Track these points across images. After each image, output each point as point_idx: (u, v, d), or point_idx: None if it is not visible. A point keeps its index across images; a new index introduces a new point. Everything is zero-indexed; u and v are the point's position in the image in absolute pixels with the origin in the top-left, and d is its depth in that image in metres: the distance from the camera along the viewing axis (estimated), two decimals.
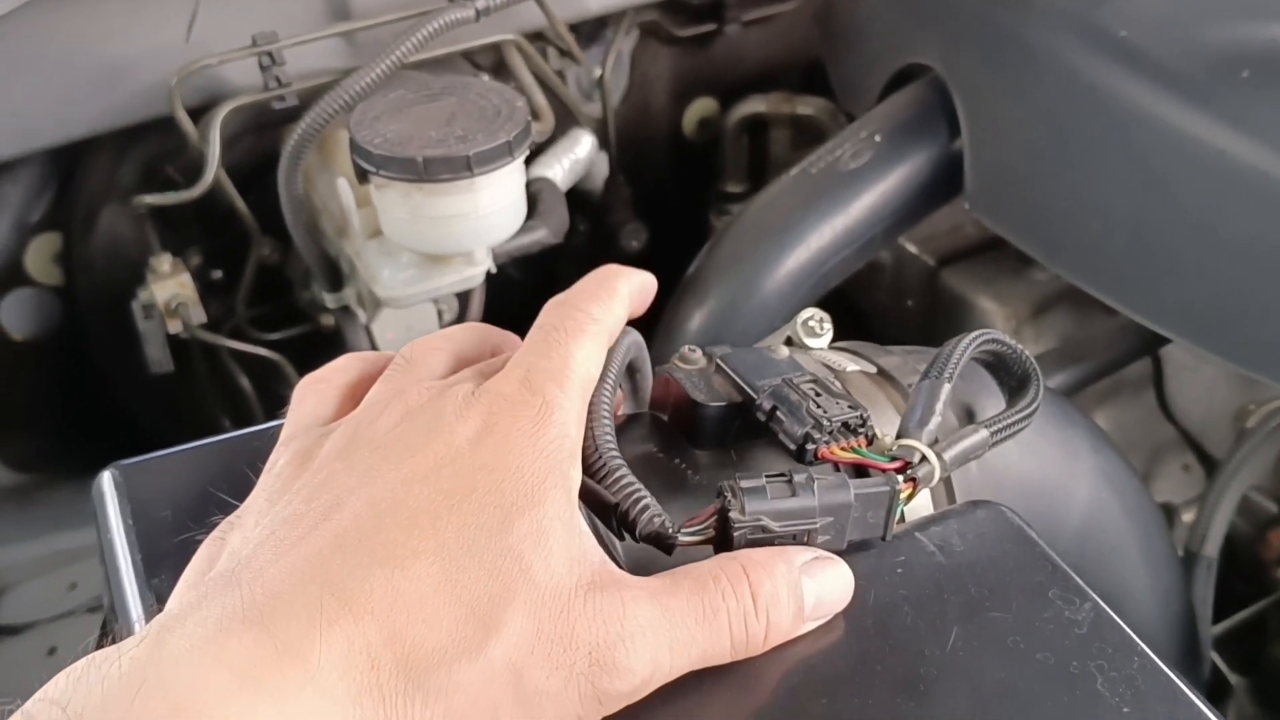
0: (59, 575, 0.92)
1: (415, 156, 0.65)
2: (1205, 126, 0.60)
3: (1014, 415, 0.45)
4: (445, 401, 0.36)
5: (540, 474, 0.33)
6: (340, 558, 0.31)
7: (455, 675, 0.30)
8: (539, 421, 0.35)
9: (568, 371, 0.37)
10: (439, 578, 0.31)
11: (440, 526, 0.32)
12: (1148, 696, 0.36)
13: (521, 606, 0.31)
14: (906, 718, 0.35)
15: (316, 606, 0.29)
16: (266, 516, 0.34)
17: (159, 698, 0.27)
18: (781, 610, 0.36)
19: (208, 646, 0.28)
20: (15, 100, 0.79)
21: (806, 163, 0.77)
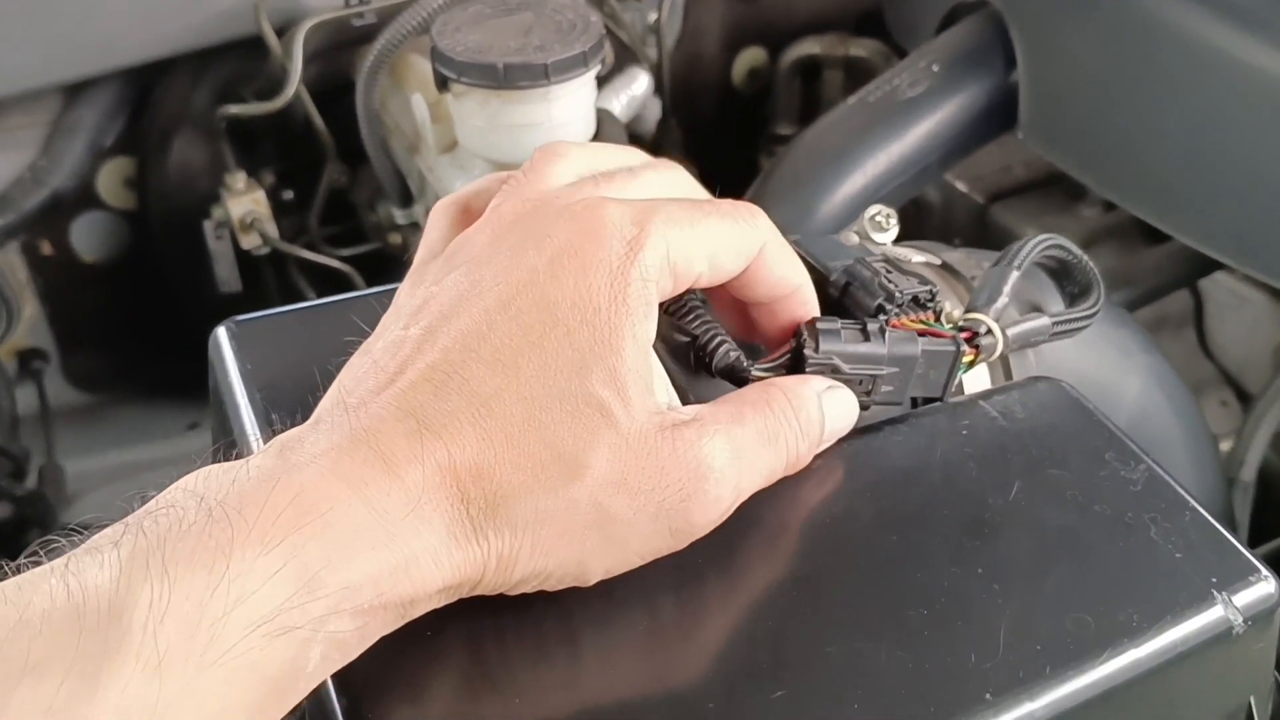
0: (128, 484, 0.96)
1: (495, 63, 0.68)
2: (1260, 53, 0.61)
3: (1077, 313, 0.47)
4: (537, 217, 0.35)
5: (617, 321, 0.33)
6: (431, 393, 0.32)
7: (541, 511, 0.32)
8: (627, 256, 0.34)
9: (692, 225, 0.35)
10: (523, 418, 0.32)
11: (520, 365, 0.32)
12: (1198, 545, 0.39)
13: (606, 450, 0.32)
14: (973, 554, 0.38)
15: (413, 434, 0.31)
16: (377, 341, 0.36)
17: (285, 496, 0.29)
18: (816, 430, 0.38)
19: (324, 459, 0.30)
20: (98, 16, 0.82)
21: (864, 91, 0.79)
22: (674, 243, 0.35)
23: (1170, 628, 0.36)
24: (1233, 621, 0.37)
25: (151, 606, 0.26)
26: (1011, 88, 0.76)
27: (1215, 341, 0.85)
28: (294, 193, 0.94)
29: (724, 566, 0.36)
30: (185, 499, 0.29)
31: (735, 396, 0.37)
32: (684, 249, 0.35)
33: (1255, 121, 0.63)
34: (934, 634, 0.35)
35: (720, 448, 0.34)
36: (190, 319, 1.04)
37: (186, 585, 0.27)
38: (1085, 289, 0.49)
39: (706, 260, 0.36)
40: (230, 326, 0.47)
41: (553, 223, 0.35)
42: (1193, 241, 0.66)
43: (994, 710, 0.33)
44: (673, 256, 0.35)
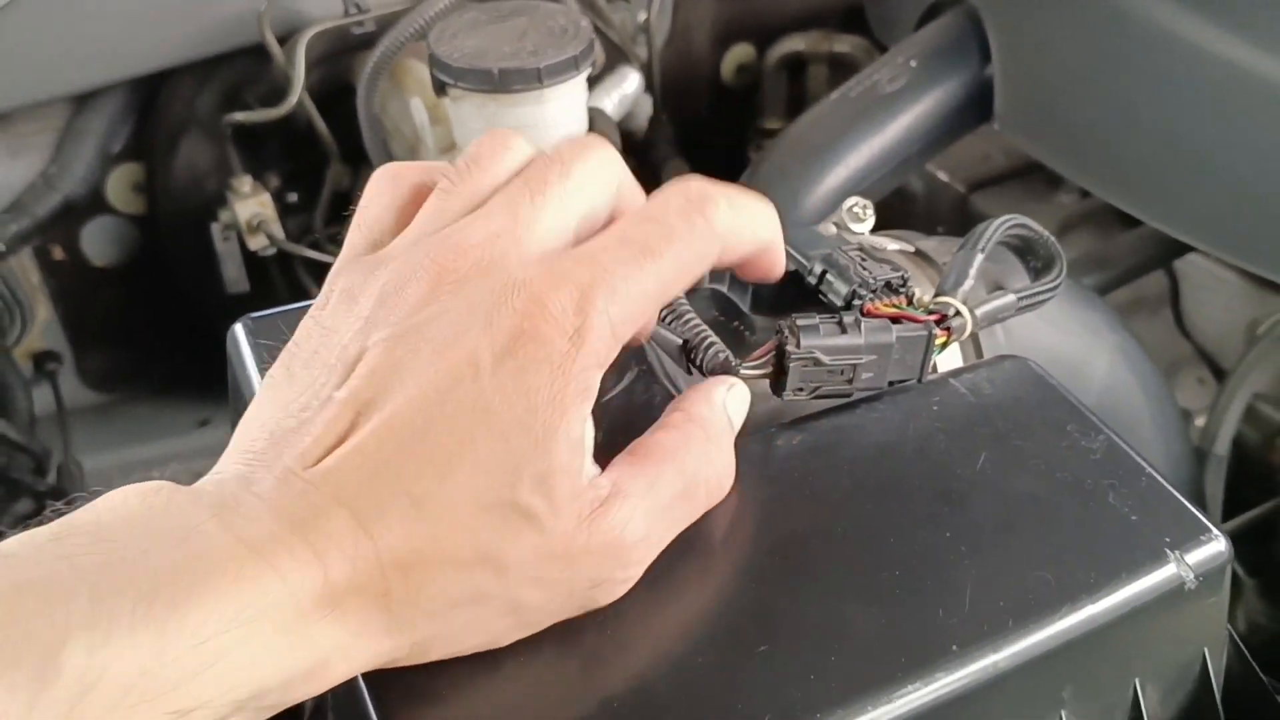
0: (143, 478, 0.99)
1: (491, 68, 0.71)
2: (1227, 43, 0.64)
3: (1040, 286, 0.50)
4: (482, 293, 0.34)
5: (553, 421, 0.33)
6: (365, 481, 0.32)
7: (460, 604, 0.33)
8: (568, 352, 0.33)
9: (635, 293, 0.34)
10: (450, 522, 0.32)
11: (453, 470, 0.32)
12: (1152, 508, 0.41)
13: (528, 551, 0.33)
14: (942, 520, 0.40)
15: (348, 532, 0.31)
16: (310, 387, 0.34)
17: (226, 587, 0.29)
18: (728, 442, 0.39)
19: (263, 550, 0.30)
20: (105, 28, 0.85)
21: (846, 87, 0.82)
22: (617, 315, 0.34)
23: (1126, 585, 0.38)
24: (1185, 578, 0.39)
25: (84, 677, 0.26)
26: (987, 81, 0.78)
27: (1191, 320, 0.88)
28: (298, 195, 0.97)
29: (708, 536, 0.39)
30: (132, 553, 0.29)
31: (650, 449, 0.37)
32: (629, 314, 0.34)
33: (1222, 109, 0.66)
34: (906, 593, 0.37)
35: (637, 525, 0.35)
36: (199, 319, 1.07)
37: (122, 664, 0.27)
38: (1048, 263, 0.51)
39: (656, 306, 0.36)
40: (247, 323, 0.49)
41: (497, 303, 0.33)
42: (1164, 226, 0.69)
43: (960, 661, 0.36)
44: (617, 330, 0.34)
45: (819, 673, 0.35)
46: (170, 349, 1.11)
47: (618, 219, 0.39)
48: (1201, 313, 0.88)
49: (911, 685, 0.35)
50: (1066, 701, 0.39)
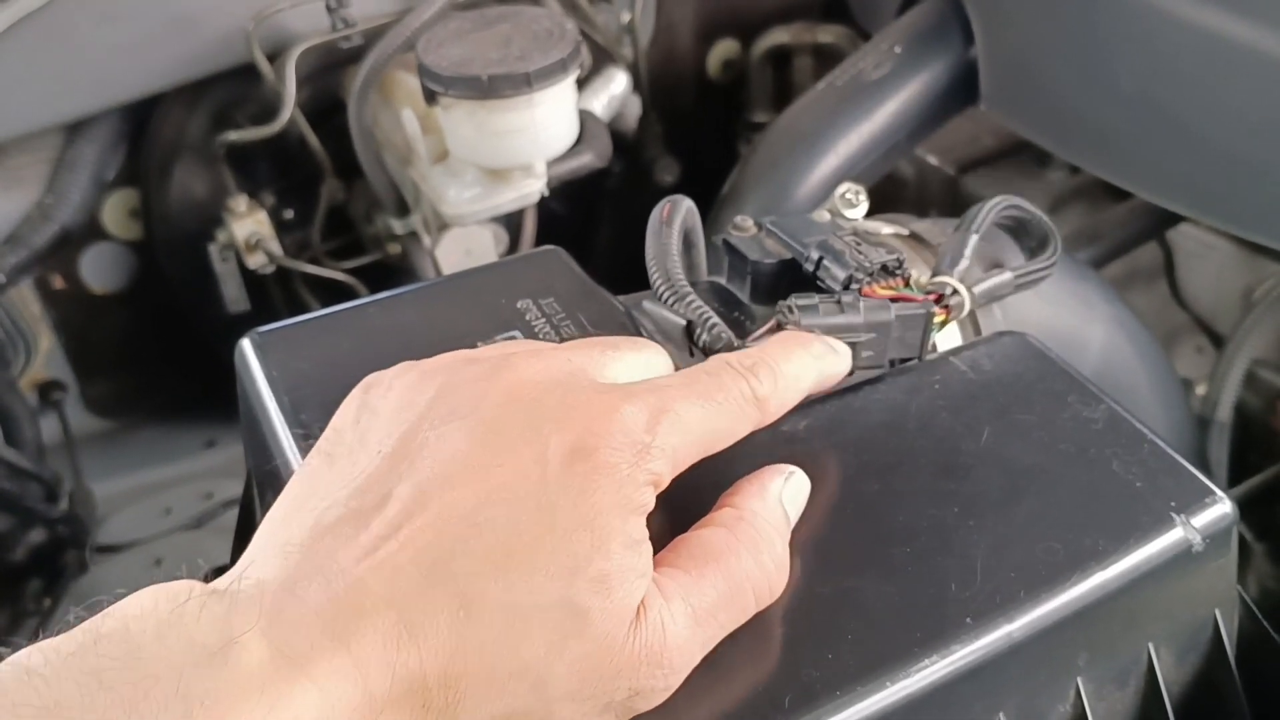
0: (154, 501, 1.00)
1: (480, 75, 0.71)
2: (1204, 12, 0.65)
3: (1036, 264, 0.51)
4: (551, 397, 0.34)
5: (615, 525, 0.33)
6: (417, 581, 0.31)
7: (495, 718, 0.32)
8: (635, 464, 0.33)
9: (696, 428, 0.36)
10: (501, 629, 0.31)
11: (509, 570, 0.31)
12: (1157, 474, 0.42)
13: (573, 663, 0.32)
14: (949, 494, 0.41)
15: (390, 634, 0.30)
16: (355, 479, 0.34)
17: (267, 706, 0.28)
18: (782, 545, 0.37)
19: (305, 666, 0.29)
20: (95, 56, 0.85)
21: (832, 76, 0.82)
22: (678, 443, 0.35)
23: (1134, 550, 0.39)
24: (1192, 541, 0.40)
25: None
26: (971, 63, 0.79)
27: (1186, 290, 0.89)
28: (294, 211, 0.98)
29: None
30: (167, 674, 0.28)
31: (698, 547, 0.36)
32: (687, 444, 0.35)
33: (1203, 77, 0.66)
34: (917, 568, 0.38)
35: (680, 630, 0.34)
36: (201, 340, 1.08)
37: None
38: (1042, 242, 0.52)
39: (706, 449, 0.36)
40: (254, 337, 0.49)
41: (570, 411, 0.34)
42: (1151, 196, 0.70)
43: (975, 633, 0.36)
44: (676, 456, 0.35)
45: (836, 651, 0.36)
46: (174, 372, 1.12)
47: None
48: (1196, 282, 0.89)
49: (928, 659, 0.35)
50: (1082, 668, 0.39)
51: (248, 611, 0.29)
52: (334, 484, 0.34)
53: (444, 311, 0.51)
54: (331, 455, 0.36)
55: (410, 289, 0.54)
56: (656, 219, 0.47)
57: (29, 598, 0.89)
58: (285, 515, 0.34)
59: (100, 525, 0.97)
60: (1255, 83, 0.63)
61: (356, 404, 0.38)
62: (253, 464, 0.51)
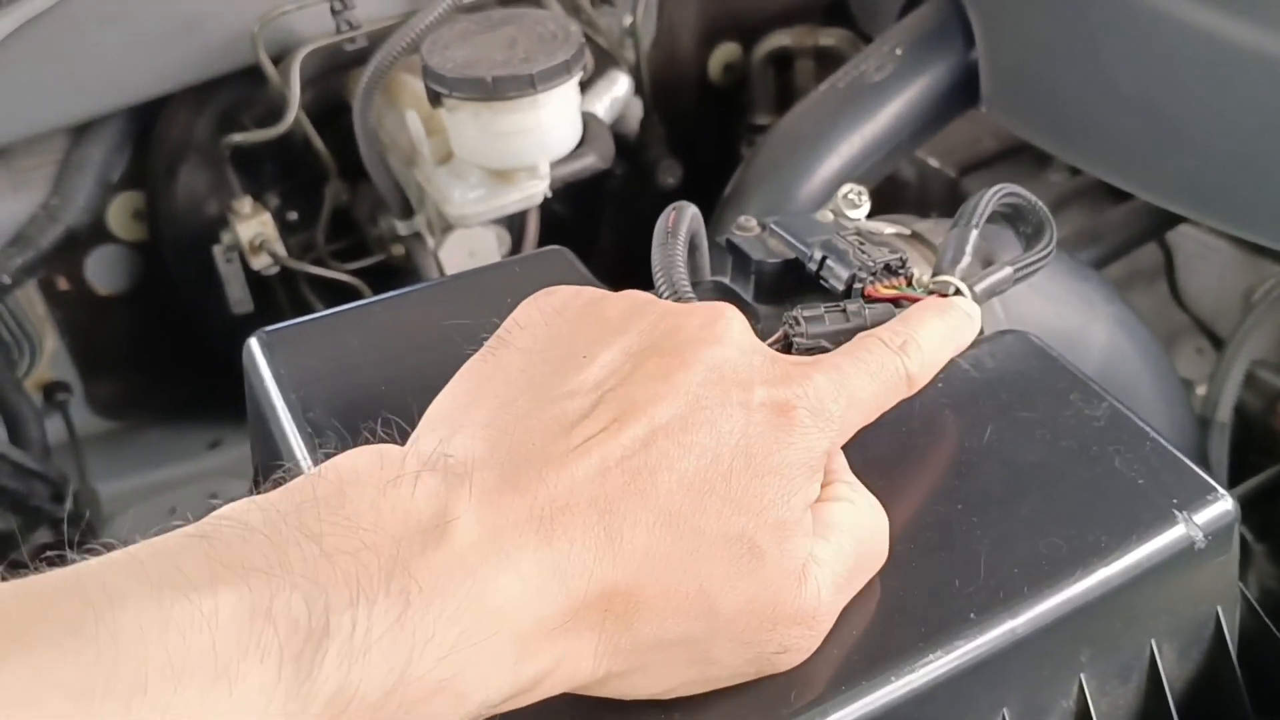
0: (158, 502, 1.00)
1: (484, 77, 0.72)
2: (1203, 12, 0.65)
3: (1033, 255, 0.51)
4: (757, 359, 0.36)
5: (800, 482, 0.34)
6: (622, 487, 0.32)
7: (662, 642, 0.32)
8: (823, 434, 0.36)
9: (855, 404, 0.37)
10: (690, 547, 0.32)
11: (707, 494, 0.33)
12: (1159, 471, 0.42)
13: (743, 598, 0.33)
14: (953, 491, 0.41)
15: (595, 537, 0.31)
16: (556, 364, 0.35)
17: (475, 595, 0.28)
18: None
19: (512, 556, 0.29)
20: (101, 58, 0.86)
21: (834, 79, 0.83)
22: (852, 420, 0.37)
23: (1136, 546, 0.39)
24: (1194, 538, 0.40)
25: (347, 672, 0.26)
26: (972, 65, 0.79)
27: (1186, 291, 0.89)
28: (298, 213, 0.98)
29: None
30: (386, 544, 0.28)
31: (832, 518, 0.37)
32: (856, 421, 0.38)
33: (1202, 78, 0.67)
34: (921, 564, 0.38)
35: (827, 596, 0.35)
36: (206, 341, 1.08)
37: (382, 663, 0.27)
38: (1039, 229, 0.52)
39: (868, 417, 0.39)
40: (261, 337, 0.50)
41: (774, 369, 0.36)
42: (1152, 197, 0.70)
43: (978, 629, 0.36)
44: (844, 424, 0.37)
45: (841, 646, 0.36)
46: (178, 373, 1.12)
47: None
48: (1196, 283, 0.89)
49: (932, 654, 0.36)
50: (1085, 664, 0.39)
51: (459, 490, 0.30)
52: (532, 374, 0.35)
53: (450, 310, 0.51)
54: (513, 344, 0.36)
55: (416, 288, 0.54)
56: (662, 229, 0.48)
57: None
58: (473, 390, 0.35)
59: (105, 525, 0.98)
60: (1255, 84, 0.63)
61: (540, 307, 0.38)
62: (260, 462, 0.52)
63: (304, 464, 0.45)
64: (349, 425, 0.45)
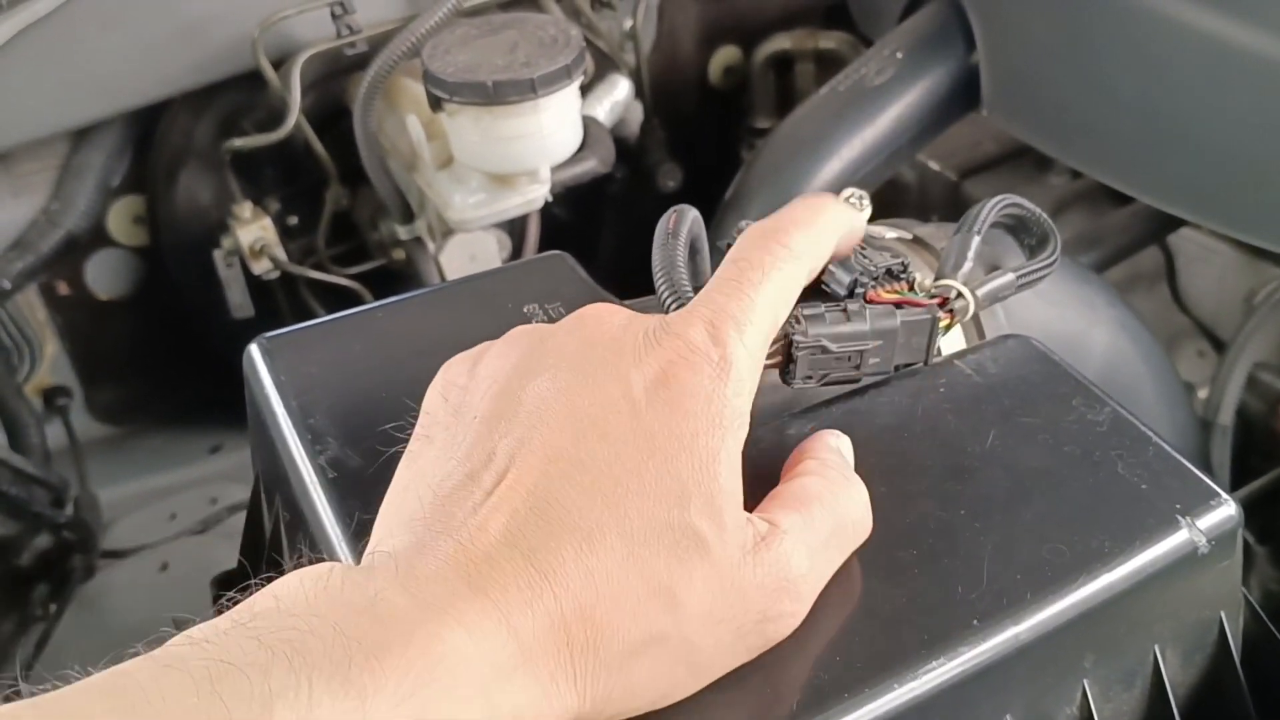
0: (159, 507, 1.00)
1: (485, 81, 0.72)
2: (1203, 15, 0.65)
3: (1038, 264, 0.51)
4: (626, 337, 0.36)
5: (714, 445, 0.34)
6: (535, 523, 0.32)
7: (635, 649, 0.32)
8: (717, 379, 0.35)
9: (753, 317, 0.36)
10: (623, 554, 0.32)
11: (620, 497, 0.32)
12: (1162, 476, 0.42)
13: (700, 583, 0.33)
14: (955, 497, 0.41)
15: (523, 577, 0.31)
16: (460, 445, 0.35)
17: (421, 646, 0.28)
18: (864, 489, 0.39)
19: (450, 607, 0.30)
20: (101, 63, 0.86)
21: (834, 82, 0.83)
22: (749, 342, 0.36)
23: (1140, 552, 0.39)
24: (1197, 543, 0.40)
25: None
26: (973, 68, 0.79)
27: (1188, 294, 0.89)
28: (299, 217, 0.98)
29: None
30: (322, 629, 0.28)
31: (799, 492, 0.37)
32: (754, 338, 0.36)
33: (1203, 81, 0.67)
34: (923, 570, 0.38)
35: (800, 562, 0.35)
36: (206, 346, 1.08)
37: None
38: (1042, 240, 0.52)
39: (775, 325, 0.38)
40: (261, 343, 0.50)
41: (641, 347, 0.35)
42: (1153, 201, 0.70)
43: (982, 635, 0.36)
44: (752, 354, 0.36)
45: (844, 653, 0.36)
46: (178, 378, 1.12)
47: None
48: (1197, 286, 0.89)
49: (935, 661, 0.35)
50: (1088, 670, 0.39)
51: (385, 573, 0.31)
52: (439, 458, 0.35)
53: (451, 316, 0.52)
54: (429, 437, 0.37)
55: (417, 294, 0.54)
56: (663, 231, 0.47)
57: (35, 603, 0.90)
58: (398, 500, 0.36)
59: (106, 530, 0.98)
60: (1255, 86, 0.63)
61: (441, 384, 0.39)
62: (261, 468, 0.51)
63: (303, 469, 0.45)
64: (349, 432, 0.45)
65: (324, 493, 0.43)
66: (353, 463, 0.43)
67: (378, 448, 0.40)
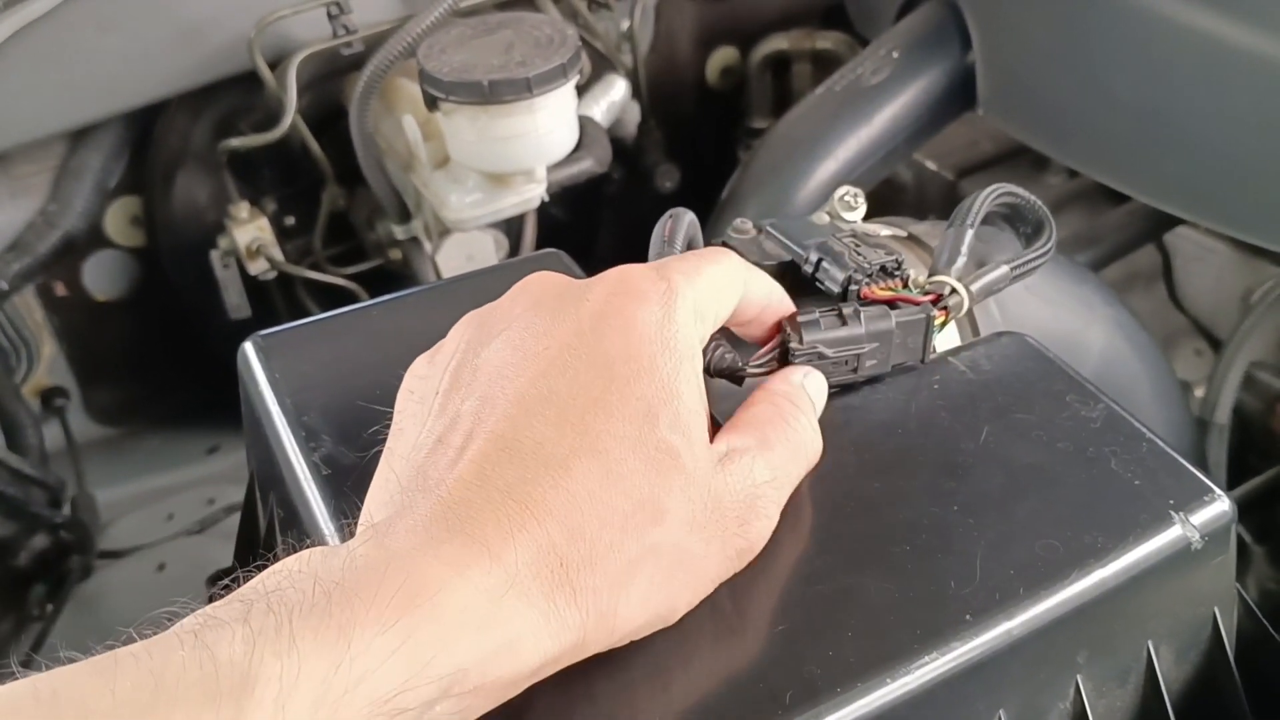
0: (156, 508, 1.00)
1: (481, 80, 0.72)
2: (1199, 14, 0.65)
3: (1032, 253, 0.50)
4: (570, 289, 0.37)
5: (672, 366, 0.35)
6: (508, 462, 0.32)
7: (634, 561, 0.33)
8: (664, 308, 0.36)
9: (700, 273, 0.38)
10: (601, 474, 0.33)
11: (588, 423, 0.33)
12: (1155, 472, 0.42)
13: (679, 491, 0.34)
14: (949, 493, 0.41)
15: (502, 510, 0.31)
16: (426, 422, 0.36)
17: (396, 580, 0.29)
18: (814, 418, 0.41)
19: (427, 547, 0.30)
20: (98, 64, 0.86)
21: (830, 82, 0.83)
22: (697, 291, 0.37)
23: (1133, 548, 0.39)
24: (1190, 539, 0.40)
25: (281, 681, 0.27)
26: (969, 68, 0.79)
27: (1185, 293, 0.89)
28: (296, 217, 0.98)
29: None
30: (302, 580, 0.29)
31: (750, 419, 0.39)
32: (703, 295, 0.38)
33: (1199, 80, 0.67)
34: (917, 566, 0.38)
35: (762, 472, 0.37)
36: (203, 347, 1.08)
37: (313, 662, 0.27)
38: (1038, 227, 0.52)
39: (718, 302, 0.39)
40: (256, 340, 0.50)
41: (584, 289, 0.37)
42: (1150, 199, 0.70)
43: (974, 630, 0.36)
44: (698, 304, 0.37)
45: (837, 648, 0.36)
46: (176, 378, 1.12)
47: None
48: (1194, 284, 0.89)
49: (928, 656, 0.36)
50: (1081, 665, 0.39)
51: (362, 538, 0.31)
52: (408, 441, 0.36)
53: (446, 314, 0.51)
54: (400, 429, 0.38)
55: (412, 291, 0.54)
56: (659, 237, 0.47)
57: (33, 603, 0.90)
58: (379, 490, 0.36)
59: (103, 531, 0.98)
60: (1252, 85, 0.63)
61: (407, 383, 0.40)
62: (256, 467, 0.51)
63: (298, 467, 0.45)
64: (344, 430, 0.45)
65: (318, 490, 0.43)
66: (346, 460, 0.43)
67: (371, 445, 0.40)
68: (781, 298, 0.43)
